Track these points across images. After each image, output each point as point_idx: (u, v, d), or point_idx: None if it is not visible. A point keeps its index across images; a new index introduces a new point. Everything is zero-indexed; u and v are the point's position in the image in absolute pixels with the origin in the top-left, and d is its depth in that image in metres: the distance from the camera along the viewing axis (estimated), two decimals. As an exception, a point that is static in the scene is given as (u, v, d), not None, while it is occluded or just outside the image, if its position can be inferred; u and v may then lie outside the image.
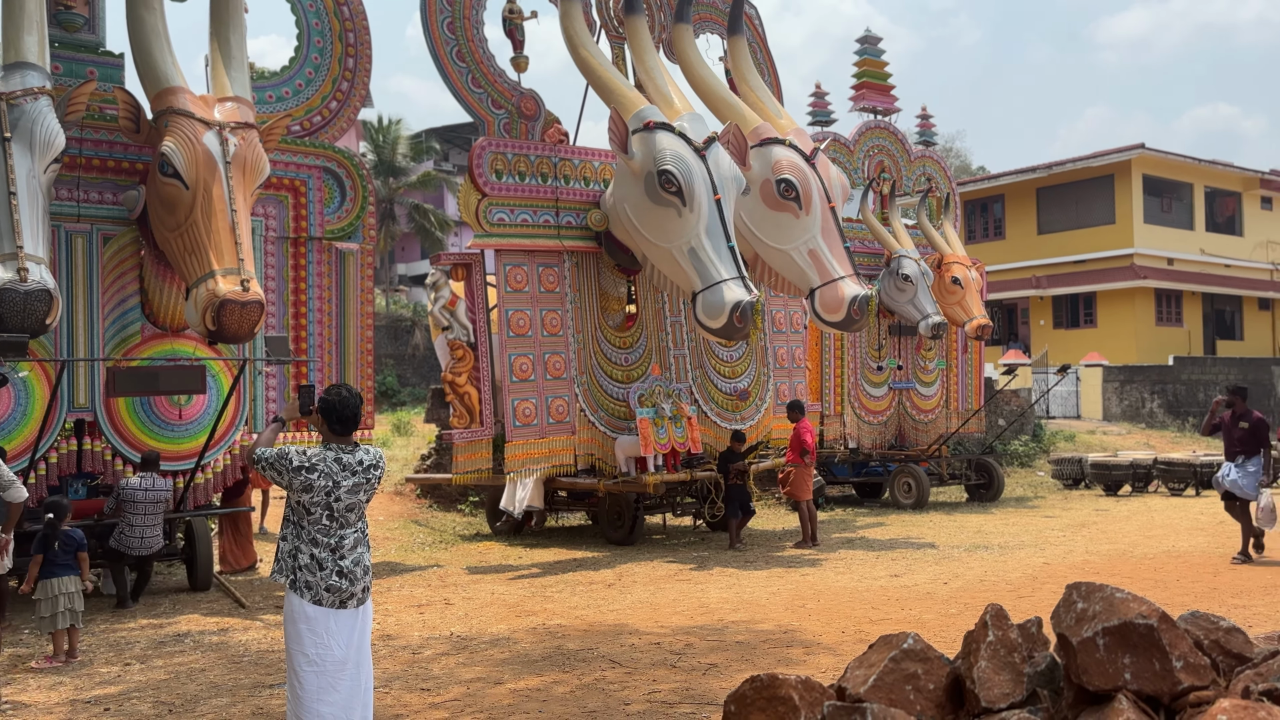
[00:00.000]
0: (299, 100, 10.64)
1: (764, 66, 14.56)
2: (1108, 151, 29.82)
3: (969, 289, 16.73)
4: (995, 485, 16.65)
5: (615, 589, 9.53)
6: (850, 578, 9.83)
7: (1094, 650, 2.70)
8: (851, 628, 7.62)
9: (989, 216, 33.22)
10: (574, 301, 12.09)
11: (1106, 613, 2.74)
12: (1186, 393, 26.37)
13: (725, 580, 9.81)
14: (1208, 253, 31.61)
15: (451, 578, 10.48)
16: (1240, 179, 32.79)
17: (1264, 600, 8.34)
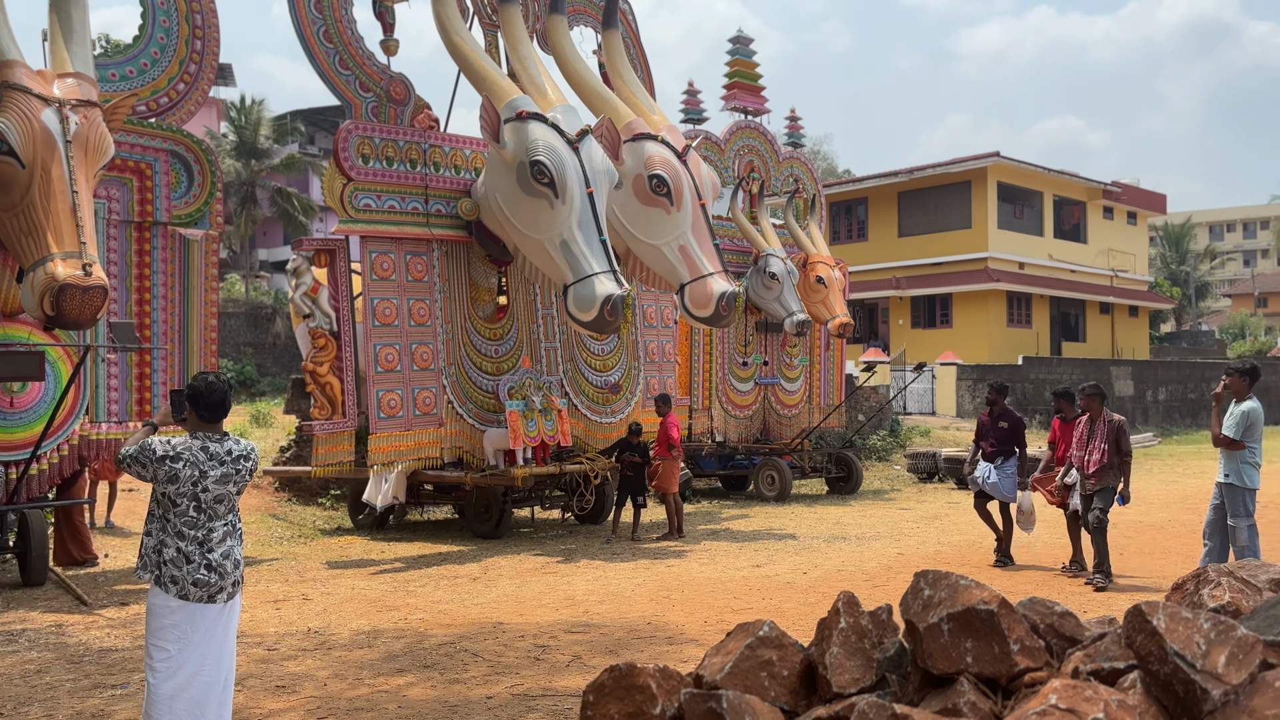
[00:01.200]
0: (145, 80, 10.14)
1: (637, 62, 14.62)
2: (965, 159, 31.10)
3: (832, 288, 17.19)
4: (854, 478, 17.16)
5: (480, 583, 9.44)
6: (714, 568, 9.98)
7: (939, 635, 2.80)
8: (715, 617, 7.74)
9: (853, 218, 34.21)
10: (443, 291, 11.91)
11: (951, 599, 2.85)
12: (1034, 391, 27.73)
13: (592, 573, 9.83)
14: (1055, 258, 33.30)
15: (310, 573, 10.19)
16: (1085, 189, 34.66)
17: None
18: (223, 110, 38.49)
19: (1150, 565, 9.92)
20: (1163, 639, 2.43)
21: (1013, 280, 30.85)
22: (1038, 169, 31.92)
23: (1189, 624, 2.48)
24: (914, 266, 31.98)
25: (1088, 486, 8.93)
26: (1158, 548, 11.02)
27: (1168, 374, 33.08)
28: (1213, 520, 8.27)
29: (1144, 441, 27.44)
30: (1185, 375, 33.55)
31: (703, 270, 12.15)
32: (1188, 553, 10.39)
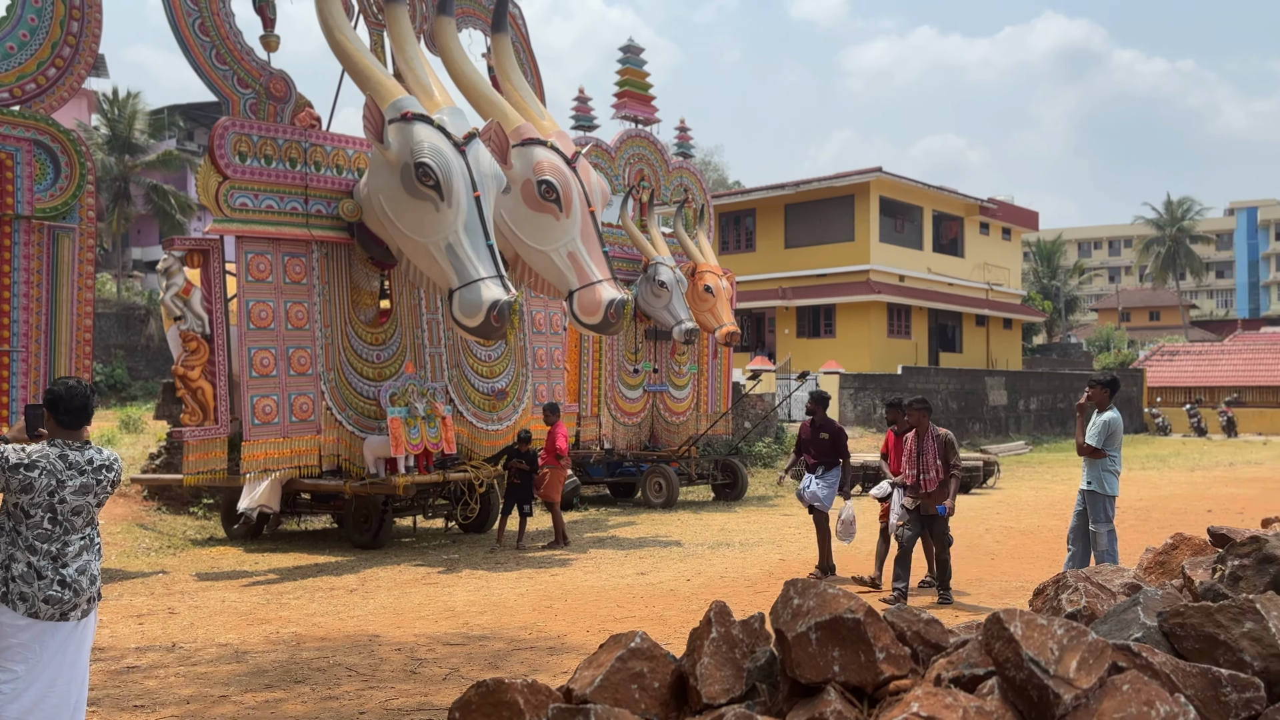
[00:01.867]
0: (10, 64, 9.61)
1: (527, 67, 14.52)
2: (849, 173, 31.87)
3: (720, 297, 17.38)
4: (740, 485, 17.36)
5: (358, 594, 9.20)
6: (599, 577, 9.94)
7: (807, 644, 2.82)
8: (597, 626, 7.70)
9: (741, 229, 34.70)
10: (322, 294, 11.59)
11: (819, 608, 2.86)
12: (912, 400, 28.52)
13: (474, 583, 9.68)
14: (934, 271, 34.37)
15: (179, 585, 9.78)
16: (963, 205, 35.89)
17: (970, 590, 9.12)
18: (95, 102, 36.80)
19: (1019, 569, 10.26)
20: (1019, 645, 2.49)
21: (893, 292, 31.72)
22: (918, 185, 32.90)
23: (1044, 630, 2.54)
24: (800, 277, 32.60)
25: (926, 506, 8.58)
26: (1027, 552, 11.41)
27: (1039, 384, 34.47)
28: (1076, 526, 8.60)
29: (1016, 449, 28.52)
30: (1055, 385, 35.01)
31: (591, 277, 12.12)
32: (1054, 557, 10.78)
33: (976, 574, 10.03)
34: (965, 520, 14.17)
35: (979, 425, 30.70)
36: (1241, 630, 2.91)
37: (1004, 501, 16.59)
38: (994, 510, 15.36)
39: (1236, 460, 25.30)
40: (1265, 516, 10.24)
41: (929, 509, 8.53)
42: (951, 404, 29.85)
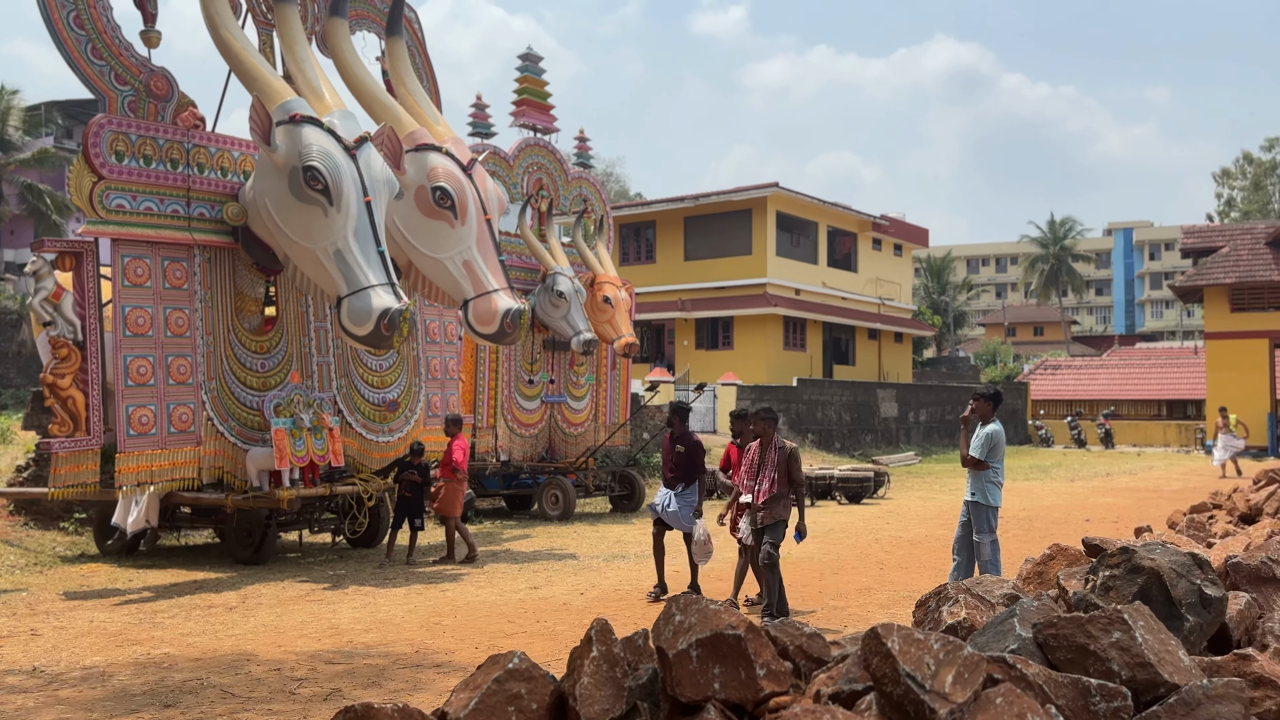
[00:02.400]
0: None
1: (423, 72, 14.29)
2: (747, 188, 32.28)
3: (619, 308, 17.35)
4: (637, 496, 17.33)
5: (237, 612, 8.84)
6: (491, 591, 9.77)
7: (688, 662, 2.77)
8: (486, 643, 7.54)
9: (642, 241, 34.83)
10: (204, 300, 11.17)
11: (700, 624, 2.82)
12: (807, 411, 28.99)
13: (360, 599, 9.41)
14: (828, 286, 35.04)
15: (44, 605, 9.26)
16: (856, 221, 36.69)
17: (859, 601, 9.23)
18: (-36, 96, 35.00)
19: (908, 579, 10.44)
20: (896, 660, 2.48)
21: (789, 305, 32.21)
22: (813, 200, 33.51)
23: (920, 645, 2.54)
24: (698, 290, 32.86)
25: (759, 519, 8.20)
26: (915, 561, 11.63)
27: (928, 396, 35.39)
28: (961, 536, 8.80)
29: (906, 460, 29.20)
30: (944, 398, 36.00)
31: (487, 286, 11.95)
32: (941, 566, 11.01)
33: (866, 583, 10.17)
34: (856, 530, 14.40)
35: (871, 436, 31.35)
36: (1110, 640, 2.96)
37: (894, 511, 16.93)
38: (884, 520, 15.65)
39: (1113, 471, 26.36)
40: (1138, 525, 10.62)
41: (768, 519, 8.17)
42: (844, 415, 30.42)
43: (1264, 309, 32.52)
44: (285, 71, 11.71)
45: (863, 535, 13.85)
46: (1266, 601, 3.72)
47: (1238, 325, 32.83)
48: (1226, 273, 32.76)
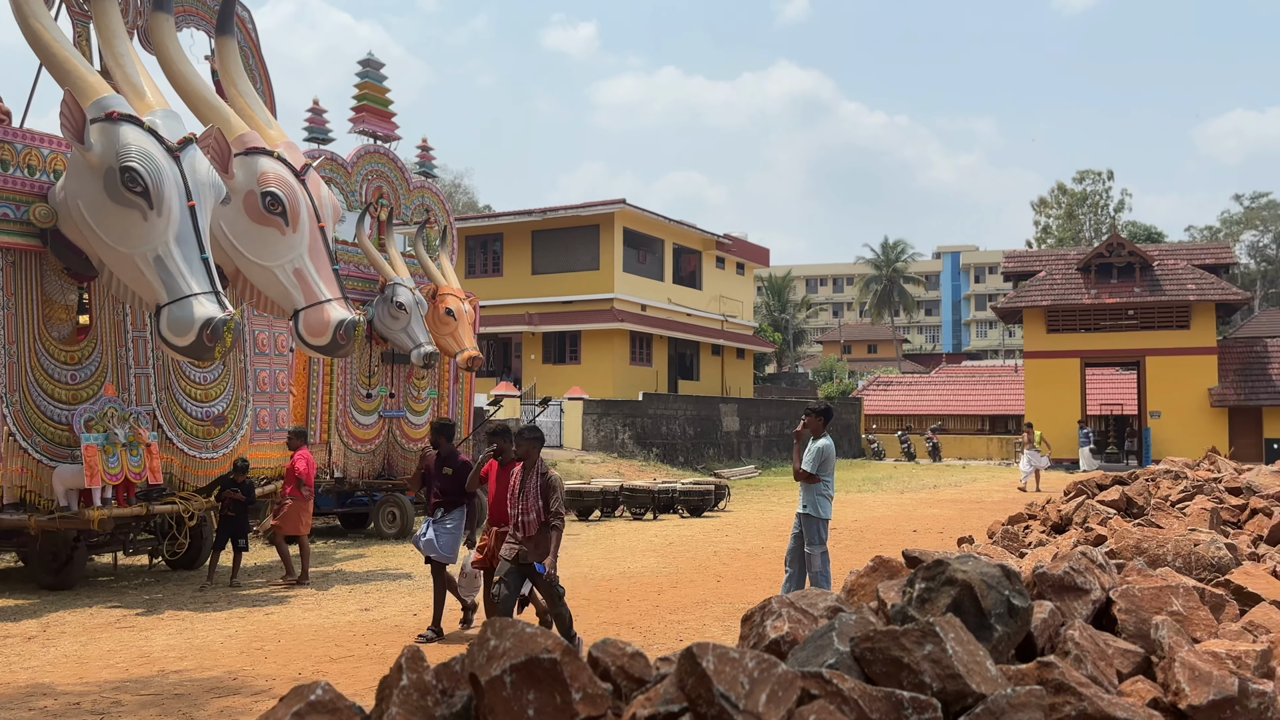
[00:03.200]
0: None
1: (256, 73, 13.73)
2: (595, 203, 32.41)
3: (462, 321, 17.07)
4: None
5: (37, 642, 8.20)
6: (319, 614, 9.39)
7: (501, 689, 2.66)
8: (310, 669, 7.22)
9: (489, 253, 34.49)
10: (7, 306, 10.37)
11: (516, 648, 2.72)
12: (652, 425, 29.24)
13: (176, 625, 8.88)
14: (674, 302, 35.49)
15: None
16: (701, 240, 37.33)
17: (695, 615, 9.29)
18: None
19: (744, 591, 10.59)
20: (710, 680, 2.45)
21: (636, 321, 32.46)
22: (659, 218, 33.92)
23: (735, 664, 2.51)
24: (546, 304, 32.75)
25: (523, 555, 7.17)
26: (751, 574, 11.81)
27: (769, 411, 36.26)
28: (793, 548, 8.97)
29: (746, 473, 29.80)
30: (783, 412, 36.95)
31: (319, 296, 11.52)
32: (777, 578, 11.21)
33: (703, 596, 10.25)
34: (696, 543, 14.55)
35: (713, 450, 31.87)
36: (923, 653, 3.02)
37: (732, 524, 17.20)
38: (723, 532, 15.88)
39: (940, 483, 27.57)
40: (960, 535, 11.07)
41: (529, 558, 7.13)
42: (689, 429, 30.83)
43: (1076, 330, 34.72)
44: (103, 67, 11.04)
45: (702, 548, 14.01)
46: (1068, 609, 3.88)
47: (1053, 345, 34.95)
48: (1043, 296, 34.84)
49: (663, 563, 12.61)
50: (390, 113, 17.57)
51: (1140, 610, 3.97)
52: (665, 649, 7.77)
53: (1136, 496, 10.57)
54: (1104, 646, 3.57)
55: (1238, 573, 5.26)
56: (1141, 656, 3.60)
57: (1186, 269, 34.05)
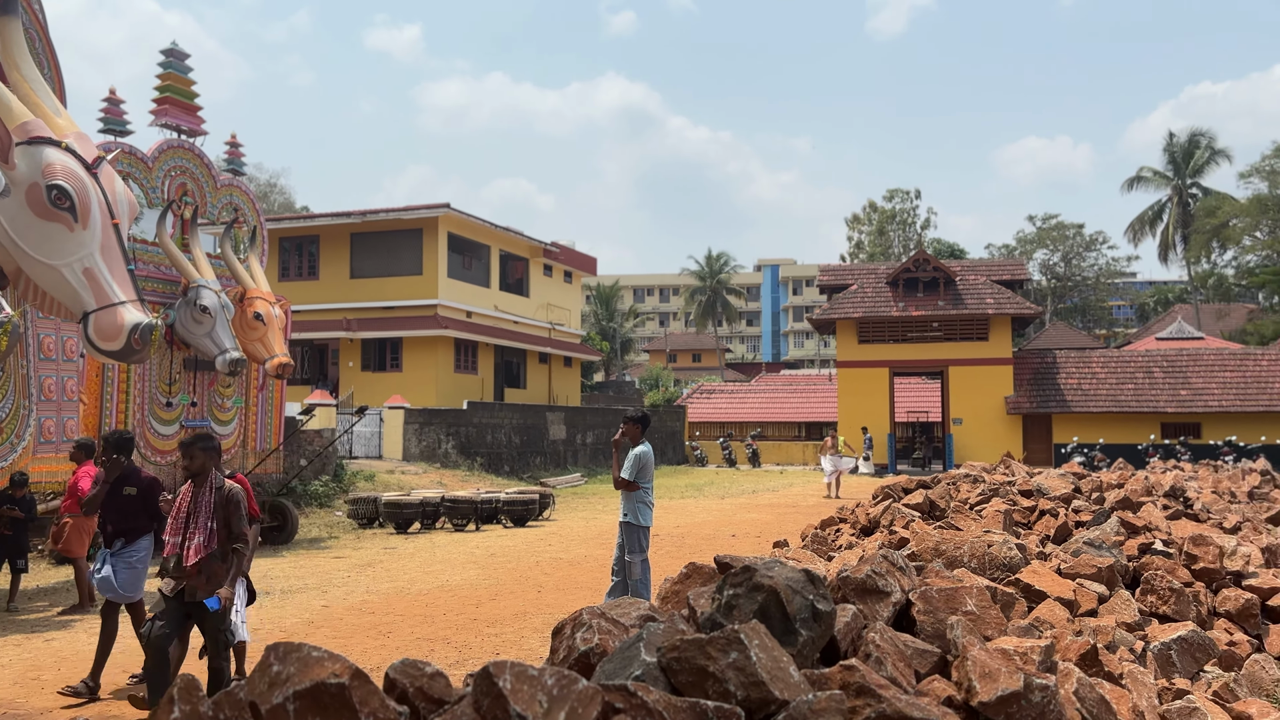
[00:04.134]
0: None
1: (44, 59, 12.67)
2: (418, 207, 31.71)
3: (272, 326, 16.30)
4: (290, 527, 16.32)
5: None
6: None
7: (284, 717, 2.47)
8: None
9: (304, 256, 33.22)
10: None
11: (300, 674, 2.53)
12: (477, 434, 28.81)
13: (-62, 657, 8.06)
14: (501, 309, 35.14)
15: None
16: (529, 247, 37.12)
17: (514, 627, 9.13)
18: None
19: (565, 601, 10.50)
20: (507, 701, 2.34)
21: (461, 328, 31.94)
22: (486, 224, 33.52)
23: (535, 682, 2.41)
24: (366, 309, 31.80)
25: (192, 590, 5.92)
26: (573, 583, 11.74)
27: (595, 419, 36.37)
28: (618, 557, 8.95)
29: (572, 481, 29.77)
30: (610, 420, 37.13)
31: (112, 298, 10.67)
32: (599, 587, 11.19)
33: (522, 608, 10.10)
34: (518, 553, 14.37)
35: (540, 458, 31.69)
36: (728, 661, 3.00)
37: (556, 533, 17.10)
38: (546, 542, 15.75)
39: (759, 488, 28.30)
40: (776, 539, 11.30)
41: (194, 594, 5.91)
42: (515, 438, 30.54)
43: (885, 341, 36.39)
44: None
45: (524, 558, 13.84)
46: (870, 612, 3.97)
47: (864, 355, 36.51)
48: (855, 308, 36.36)
49: (483, 574, 12.38)
50: (196, 106, 16.64)
51: (937, 611, 4.10)
52: (480, 664, 7.59)
53: (939, 500, 11.11)
54: (903, 647, 3.66)
55: (1026, 572, 5.55)
56: (938, 656, 3.71)
57: (986, 284, 36.23)
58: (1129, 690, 4.12)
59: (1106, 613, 5.47)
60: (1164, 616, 5.93)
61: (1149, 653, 4.97)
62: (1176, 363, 35.41)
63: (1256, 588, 6.83)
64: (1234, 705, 4.53)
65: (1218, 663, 5.41)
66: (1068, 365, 36.07)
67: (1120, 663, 4.40)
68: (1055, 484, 11.39)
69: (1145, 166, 60.89)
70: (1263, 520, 11.55)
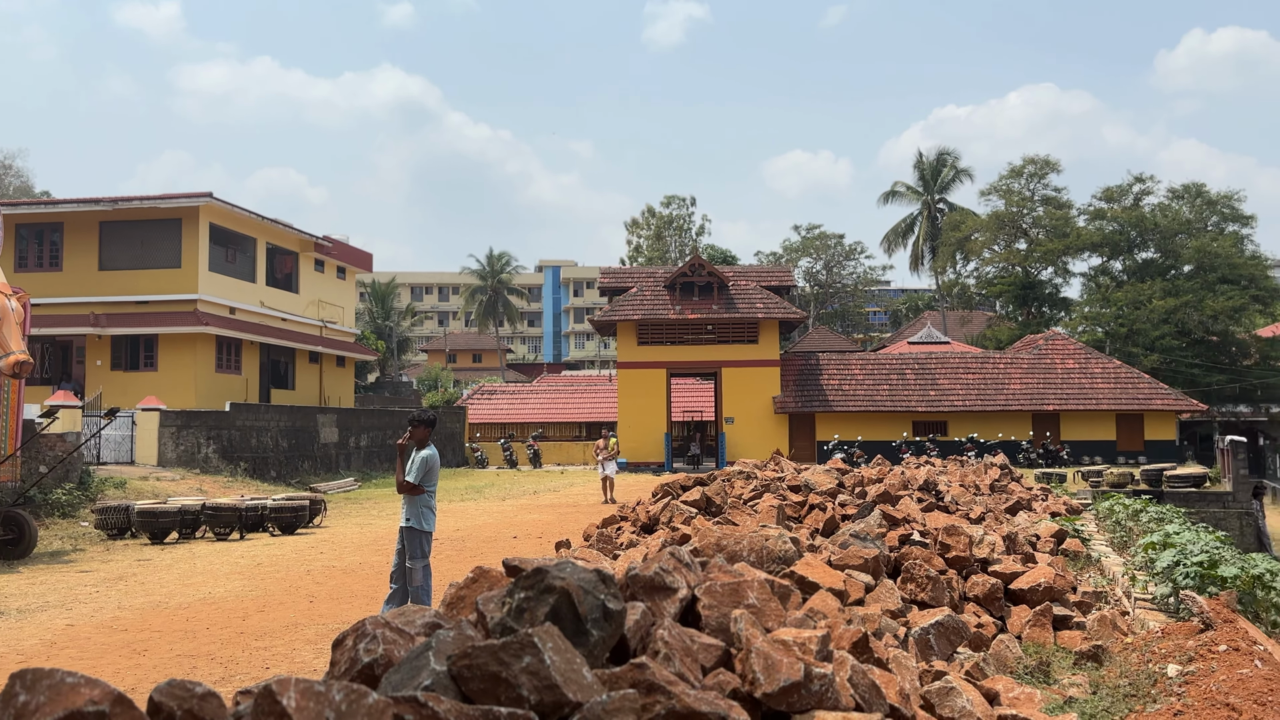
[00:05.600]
0: None
1: None
2: (176, 195, 29.72)
3: (7, 320, 14.84)
4: (27, 540, 14.88)
5: None
6: None
7: (30, 753, 2.23)
8: None
9: (45, 245, 30.44)
10: None
11: (52, 704, 2.29)
12: (240, 438, 27.31)
13: None
14: (268, 306, 33.46)
15: None
16: (299, 240, 35.56)
17: (285, 640, 8.70)
18: None
19: (339, 611, 10.10)
20: (291, 720, 2.20)
21: (223, 325, 30.19)
22: (251, 215, 31.84)
23: (321, 698, 2.29)
24: (117, 304, 29.51)
25: None
26: (348, 592, 11.32)
27: (370, 421, 35.27)
28: (398, 564, 8.68)
29: (346, 486, 28.75)
30: (386, 422, 36.12)
31: None
32: (376, 595, 10.85)
33: (294, 619, 9.65)
34: (287, 562, 13.72)
35: (309, 463, 30.41)
36: (521, 665, 2.96)
37: (329, 540, 16.45)
38: (318, 550, 15.12)
39: (540, 489, 28.30)
40: (558, 540, 11.34)
41: None
42: (282, 442, 29.16)
43: (663, 343, 37.28)
44: None
45: (294, 567, 13.23)
46: (659, 609, 4.02)
47: (643, 357, 37.26)
48: (634, 310, 37.05)
49: (249, 585, 11.73)
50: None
51: (721, 605, 4.21)
52: (250, 680, 7.18)
53: (715, 496, 11.47)
54: (690, 643, 3.73)
55: (800, 564, 5.80)
56: (723, 649, 3.80)
57: (756, 290, 37.78)
58: (895, 674, 4.37)
59: (873, 601, 5.80)
60: (923, 603, 6.35)
61: (911, 638, 5.30)
62: (926, 365, 38.18)
63: (1000, 573, 7.44)
64: (983, 683, 4.90)
65: (969, 644, 5.85)
66: (829, 367, 38.16)
67: (887, 648, 4.67)
68: (821, 479, 12.01)
69: (899, 182, 65.42)
70: (1003, 510, 12.63)
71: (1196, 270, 46.68)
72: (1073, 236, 49.60)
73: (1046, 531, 10.59)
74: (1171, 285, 46.11)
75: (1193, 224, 48.98)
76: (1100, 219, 50.17)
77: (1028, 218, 52.44)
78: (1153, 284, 46.34)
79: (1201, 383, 44.35)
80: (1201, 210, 49.57)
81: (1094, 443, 36.31)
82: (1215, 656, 5.38)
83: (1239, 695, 4.75)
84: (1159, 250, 48.93)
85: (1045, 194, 53.02)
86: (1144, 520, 11.57)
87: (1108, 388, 36.71)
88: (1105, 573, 9.43)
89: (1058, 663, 6.16)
